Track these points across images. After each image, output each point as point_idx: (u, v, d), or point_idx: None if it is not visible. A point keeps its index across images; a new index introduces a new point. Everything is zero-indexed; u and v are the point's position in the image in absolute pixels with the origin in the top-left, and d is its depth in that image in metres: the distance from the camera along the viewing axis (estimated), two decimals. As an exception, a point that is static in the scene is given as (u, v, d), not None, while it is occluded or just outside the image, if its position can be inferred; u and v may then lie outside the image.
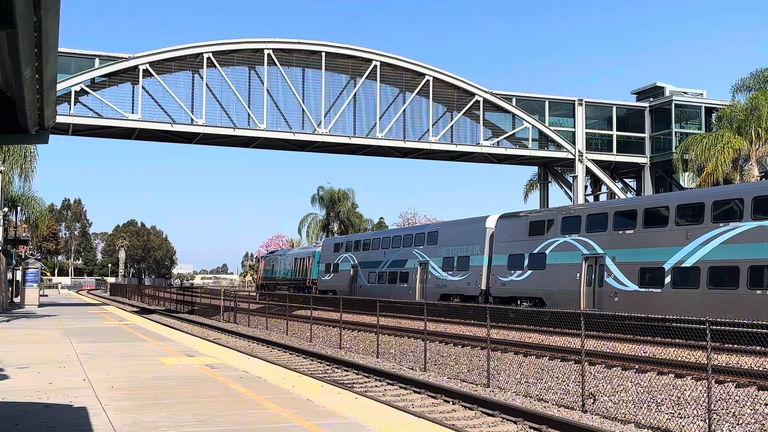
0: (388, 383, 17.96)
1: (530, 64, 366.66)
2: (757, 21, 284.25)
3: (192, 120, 39.89)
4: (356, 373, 19.82)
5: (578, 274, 26.48)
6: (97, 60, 38.54)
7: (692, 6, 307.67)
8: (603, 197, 48.05)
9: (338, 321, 28.83)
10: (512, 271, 30.10)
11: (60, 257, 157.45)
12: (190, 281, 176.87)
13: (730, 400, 13.59)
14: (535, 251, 29.01)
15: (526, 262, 29.42)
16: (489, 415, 13.96)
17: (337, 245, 49.23)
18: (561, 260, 27.66)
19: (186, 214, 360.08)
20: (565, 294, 26.93)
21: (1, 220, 41.31)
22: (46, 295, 70.27)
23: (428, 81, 43.07)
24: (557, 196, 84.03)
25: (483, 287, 32.08)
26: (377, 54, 42.56)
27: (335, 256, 48.32)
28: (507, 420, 13.49)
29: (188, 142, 43.50)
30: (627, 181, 50.84)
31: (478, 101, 43.70)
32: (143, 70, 38.85)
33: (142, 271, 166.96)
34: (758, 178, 38.37)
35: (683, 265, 22.54)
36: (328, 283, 48.50)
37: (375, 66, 42.35)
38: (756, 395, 13.53)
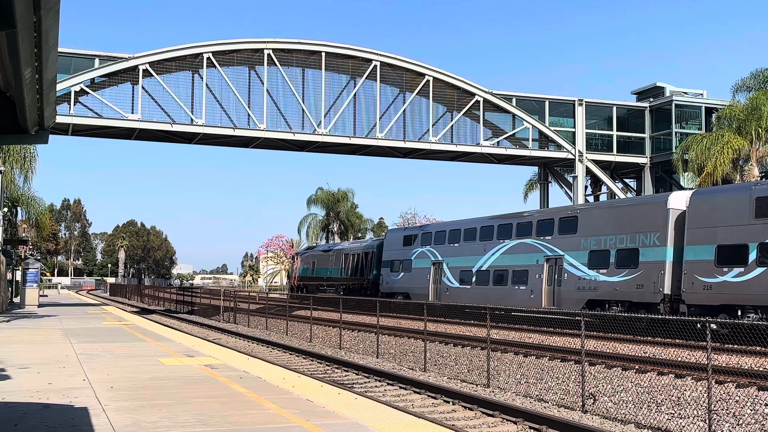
0: (388, 383, 17.96)
1: (530, 64, 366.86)
2: (757, 21, 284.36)
3: (192, 120, 39.87)
4: (356, 374, 19.82)
5: None
6: (96, 60, 38.52)
7: (692, 6, 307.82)
8: (603, 198, 48.05)
9: (338, 321, 28.82)
10: (725, 268, 21.86)
11: (60, 257, 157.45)
12: (190, 281, 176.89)
13: (730, 401, 13.59)
14: None
15: (752, 256, 21.14)
16: (489, 415, 13.96)
17: (408, 237, 40.58)
18: None
19: (186, 214, 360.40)
20: None
21: (1, 220, 41.26)
22: (46, 296, 70.25)
23: (428, 81, 43.05)
24: (557, 196, 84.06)
25: (667, 291, 23.81)
26: (377, 54, 42.55)
27: (406, 251, 39.74)
28: (507, 420, 13.49)
29: (188, 142, 43.49)
30: (627, 181, 50.86)
31: (478, 101, 43.69)
32: (143, 70, 38.83)
33: (141, 272, 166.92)
34: (758, 179, 38.36)
35: None
36: (397, 284, 40.21)
37: (375, 66, 42.33)
38: (756, 395, 13.53)
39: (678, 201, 24.47)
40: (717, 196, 23.68)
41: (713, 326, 20.16)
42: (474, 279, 33.33)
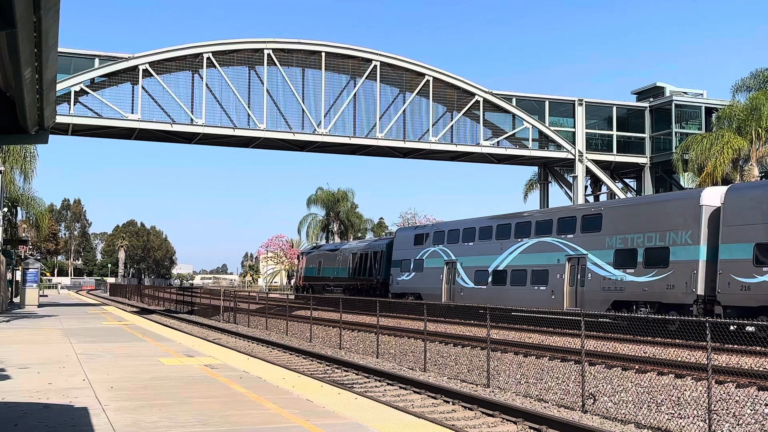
0: (388, 383, 17.95)
1: (530, 64, 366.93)
2: (757, 21, 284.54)
3: (192, 120, 39.87)
4: (356, 374, 19.82)
5: None
6: (96, 60, 38.52)
7: (692, 6, 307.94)
8: (603, 197, 48.05)
9: (338, 321, 28.82)
10: (764, 268, 20.52)
11: (60, 257, 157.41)
12: (190, 281, 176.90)
13: (730, 401, 13.59)
14: None
15: None
16: (489, 415, 13.96)
17: (419, 236, 39.08)
18: None
19: (186, 214, 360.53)
20: None
21: (1, 220, 41.26)
22: (46, 296, 70.25)
23: (428, 81, 43.05)
24: (557, 196, 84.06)
25: (700, 292, 22.55)
26: (377, 54, 42.55)
27: (417, 250, 38.42)
28: (507, 420, 13.49)
29: (188, 142, 43.49)
30: (627, 181, 50.85)
31: (478, 101, 43.69)
32: (143, 70, 38.83)
33: (141, 272, 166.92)
34: (758, 179, 38.36)
35: None
36: (408, 284, 38.92)
37: (375, 66, 42.33)
38: (756, 395, 13.53)
39: (712, 197, 23.08)
40: (755, 191, 22.09)
41: (750, 329, 18.93)
42: (490, 279, 32.12)
